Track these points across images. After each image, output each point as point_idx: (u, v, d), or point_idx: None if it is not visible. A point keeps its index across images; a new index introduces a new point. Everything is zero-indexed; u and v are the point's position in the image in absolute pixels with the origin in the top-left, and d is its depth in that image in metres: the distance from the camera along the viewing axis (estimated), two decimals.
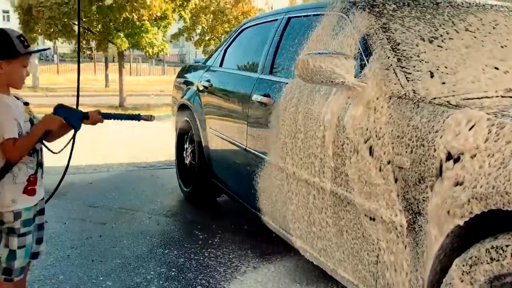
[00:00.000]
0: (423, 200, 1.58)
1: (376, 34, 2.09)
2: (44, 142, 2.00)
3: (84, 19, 12.66)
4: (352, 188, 1.91)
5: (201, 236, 3.26)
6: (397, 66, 1.92)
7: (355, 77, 1.96)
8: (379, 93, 1.89)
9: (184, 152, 4.17)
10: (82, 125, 2.10)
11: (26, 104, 2.04)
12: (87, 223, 3.48)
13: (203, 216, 3.69)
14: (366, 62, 2.04)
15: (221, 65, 3.78)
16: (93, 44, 14.66)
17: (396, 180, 1.69)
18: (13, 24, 22.20)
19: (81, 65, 2.84)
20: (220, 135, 3.36)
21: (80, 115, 2.09)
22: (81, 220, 3.52)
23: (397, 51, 1.98)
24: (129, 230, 3.34)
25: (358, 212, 1.88)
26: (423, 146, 1.59)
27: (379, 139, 1.78)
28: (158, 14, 12.71)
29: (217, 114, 3.45)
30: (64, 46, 25.03)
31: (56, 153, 2.04)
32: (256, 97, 2.80)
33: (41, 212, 2.06)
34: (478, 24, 2.17)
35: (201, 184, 3.83)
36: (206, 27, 21.87)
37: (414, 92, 1.80)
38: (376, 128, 1.80)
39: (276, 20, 3.03)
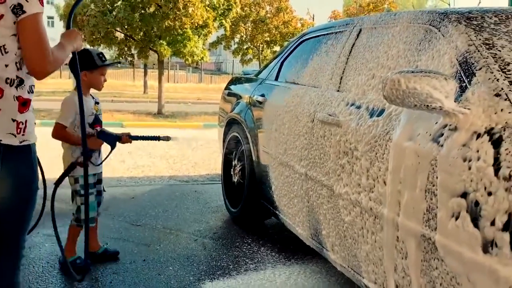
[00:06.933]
0: None
1: (479, 51, 1.78)
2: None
3: (126, 27, 12.73)
4: (457, 237, 1.59)
5: (251, 265, 2.99)
6: (510, 90, 1.60)
7: (454, 101, 1.66)
8: (488, 122, 1.57)
9: (232, 169, 3.92)
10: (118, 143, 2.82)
11: (97, 103, 2.83)
12: (130, 243, 3.26)
13: (252, 241, 3.41)
14: (468, 85, 1.73)
15: (276, 78, 3.52)
16: (134, 50, 14.72)
17: None
18: (57, 30, 22.68)
19: (121, 71, 3.58)
20: (275, 154, 3.09)
21: (115, 139, 2.79)
22: (123, 240, 3.31)
23: (508, 73, 1.66)
24: (174, 254, 3.10)
25: (466, 267, 1.56)
26: None
27: (490, 194, 1.44)
28: (200, 23, 12.63)
29: (272, 132, 3.18)
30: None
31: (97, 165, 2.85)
32: (321, 116, 2.51)
33: (99, 182, 2.89)
34: None
35: (250, 205, 3.57)
36: (245, 36, 21.78)
37: None
38: (483, 177, 1.47)
39: (344, 31, 2.75)
